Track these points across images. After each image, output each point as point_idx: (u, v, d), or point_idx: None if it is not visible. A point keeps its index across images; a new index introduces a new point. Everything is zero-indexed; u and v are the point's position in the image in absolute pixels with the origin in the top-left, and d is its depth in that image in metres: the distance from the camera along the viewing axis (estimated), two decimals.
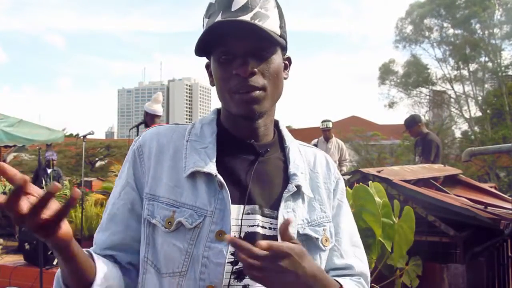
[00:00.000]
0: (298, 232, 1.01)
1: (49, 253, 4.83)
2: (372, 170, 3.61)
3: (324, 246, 1.05)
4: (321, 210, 1.08)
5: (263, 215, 1.00)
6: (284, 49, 1.06)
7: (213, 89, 1.07)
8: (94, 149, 20.08)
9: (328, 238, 1.07)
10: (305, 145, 1.19)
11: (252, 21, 0.97)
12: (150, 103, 5.59)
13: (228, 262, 0.94)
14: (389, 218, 2.57)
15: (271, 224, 1.00)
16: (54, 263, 4.84)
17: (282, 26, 1.03)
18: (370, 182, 2.68)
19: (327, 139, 7.68)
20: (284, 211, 1.00)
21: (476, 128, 22.36)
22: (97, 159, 20.94)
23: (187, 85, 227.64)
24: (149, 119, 5.49)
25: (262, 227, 0.99)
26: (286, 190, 1.02)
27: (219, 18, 0.97)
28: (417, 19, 23.73)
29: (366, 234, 2.46)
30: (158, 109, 5.56)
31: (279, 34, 1.01)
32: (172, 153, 1.04)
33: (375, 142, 22.42)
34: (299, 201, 1.04)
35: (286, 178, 1.05)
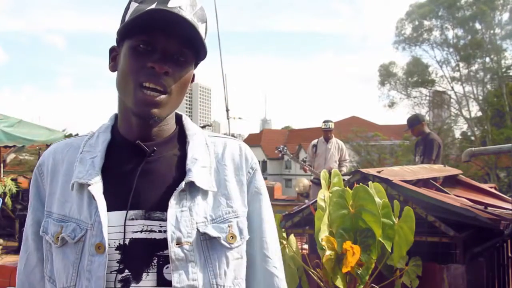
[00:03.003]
0: (198, 230, 0.96)
1: None
2: (372, 171, 3.61)
3: (229, 243, 0.99)
4: (227, 205, 1.02)
5: (149, 218, 0.96)
6: (197, 64, 1.04)
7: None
8: None
9: (235, 235, 1.01)
10: (216, 135, 1.12)
11: (189, 19, 0.94)
12: None
13: (114, 271, 0.93)
14: (389, 218, 2.56)
15: (161, 227, 0.95)
16: None
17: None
18: (370, 183, 2.67)
19: (327, 140, 7.67)
20: (178, 211, 0.95)
21: (475, 129, 22.35)
22: None
23: None
24: None
25: (150, 231, 0.95)
26: (177, 188, 0.97)
27: (153, 7, 0.94)
28: (417, 20, 23.72)
29: (366, 235, 2.46)
30: None
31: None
32: (65, 168, 1.03)
33: (375, 142, 22.42)
34: (198, 197, 0.99)
35: (183, 175, 1.00)
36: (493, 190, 5.06)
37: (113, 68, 1.04)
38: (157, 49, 0.95)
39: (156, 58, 0.95)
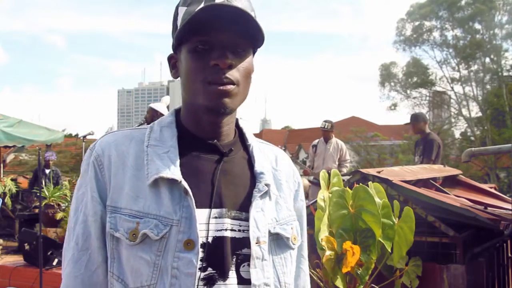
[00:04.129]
0: (269, 231, 0.99)
1: (49, 253, 4.82)
2: (372, 171, 3.61)
3: (293, 244, 1.05)
4: (287, 208, 1.07)
5: (231, 217, 0.97)
6: (254, 53, 1.04)
7: None
8: None
9: (296, 236, 1.06)
10: (264, 143, 1.15)
11: (243, 8, 0.94)
12: (160, 103, 5.84)
13: (197, 269, 0.92)
14: (389, 218, 2.56)
15: (240, 226, 0.97)
16: (54, 263, 4.84)
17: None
18: (370, 183, 2.67)
19: (327, 140, 7.65)
20: (255, 211, 0.98)
21: (475, 129, 22.36)
22: None
23: None
24: (156, 117, 5.63)
25: (231, 230, 0.96)
26: (256, 189, 1.00)
27: (202, 6, 0.94)
28: (418, 20, 23.72)
29: (366, 235, 2.46)
30: (165, 109, 5.76)
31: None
32: (132, 160, 0.98)
33: (375, 142, 22.43)
34: (267, 199, 1.02)
35: (253, 177, 1.03)
36: (493, 190, 5.07)
37: (175, 74, 1.05)
38: (216, 46, 0.96)
39: (216, 55, 0.95)
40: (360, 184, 2.57)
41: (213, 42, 0.96)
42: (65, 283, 1.00)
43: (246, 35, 0.97)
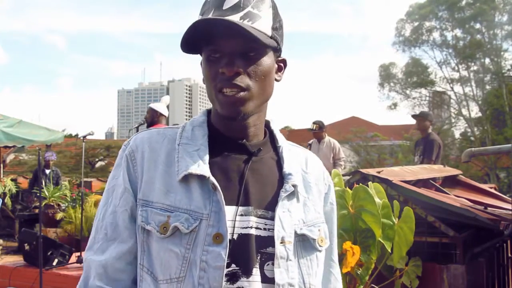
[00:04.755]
0: (295, 232, 1.00)
1: (49, 253, 4.83)
2: (372, 171, 3.61)
3: (320, 246, 1.05)
4: (315, 210, 1.07)
5: (257, 216, 0.98)
6: (277, 50, 1.04)
7: None
8: (94, 149, 20.11)
9: (324, 239, 1.06)
10: (296, 145, 1.17)
11: (241, 20, 0.95)
12: (160, 103, 5.78)
13: None
14: (389, 218, 2.57)
15: (266, 225, 0.98)
16: (54, 263, 4.84)
17: (276, 28, 1.01)
18: (370, 183, 2.68)
19: (319, 140, 7.64)
20: (281, 211, 0.99)
21: (475, 129, 22.37)
22: (97, 159, 20.97)
23: (187, 85, 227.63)
24: (156, 117, 5.61)
25: (256, 228, 0.98)
26: (283, 189, 1.01)
27: (210, 16, 0.97)
28: (417, 21, 23.71)
29: (366, 235, 2.46)
30: (165, 109, 5.75)
31: (270, 35, 0.99)
32: (164, 157, 1.02)
33: (375, 143, 22.43)
34: (294, 200, 1.03)
35: (281, 177, 1.04)
36: (493, 191, 5.07)
37: (203, 81, 1.08)
38: (225, 54, 0.98)
39: (224, 63, 0.97)
40: (360, 184, 2.57)
41: (222, 50, 0.98)
42: (88, 266, 1.01)
43: (256, 40, 0.97)
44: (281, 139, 1.12)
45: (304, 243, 1.02)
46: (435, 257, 3.29)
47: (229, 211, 0.96)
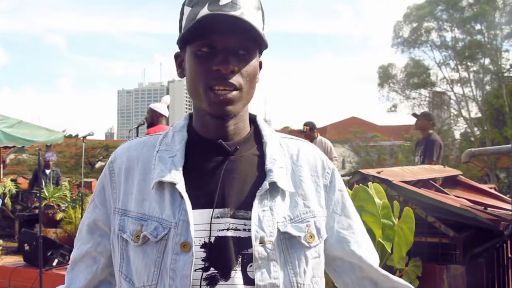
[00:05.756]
0: (278, 230, 0.97)
1: (49, 254, 4.83)
2: (372, 171, 3.61)
3: (308, 243, 1.01)
4: (305, 205, 1.03)
5: (234, 217, 0.97)
6: (261, 52, 1.05)
7: None
8: (93, 149, 20.08)
9: (314, 234, 1.02)
10: (289, 137, 1.13)
11: (243, 17, 0.95)
12: (160, 104, 5.78)
13: (198, 269, 0.93)
14: (389, 219, 2.57)
15: (245, 225, 0.96)
16: (54, 264, 4.84)
17: (263, 29, 1.01)
18: (369, 183, 2.68)
19: (311, 141, 7.65)
20: (260, 210, 0.97)
21: (475, 129, 22.37)
22: (97, 160, 20.94)
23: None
24: (156, 118, 5.60)
25: (235, 229, 0.96)
26: (259, 189, 0.98)
27: (205, 9, 0.95)
28: (416, 21, 23.69)
29: None
30: (166, 109, 5.76)
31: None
32: (141, 166, 1.03)
33: (375, 143, 22.42)
34: (278, 198, 1.00)
35: (263, 174, 1.01)
36: (493, 191, 5.06)
37: (181, 74, 1.07)
38: (219, 51, 0.96)
39: (219, 60, 0.96)
40: (360, 184, 2.57)
41: (216, 46, 0.97)
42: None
43: (250, 39, 0.97)
44: (267, 134, 1.08)
45: (291, 241, 0.99)
46: (435, 257, 3.29)
47: (204, 214, 0.96)
